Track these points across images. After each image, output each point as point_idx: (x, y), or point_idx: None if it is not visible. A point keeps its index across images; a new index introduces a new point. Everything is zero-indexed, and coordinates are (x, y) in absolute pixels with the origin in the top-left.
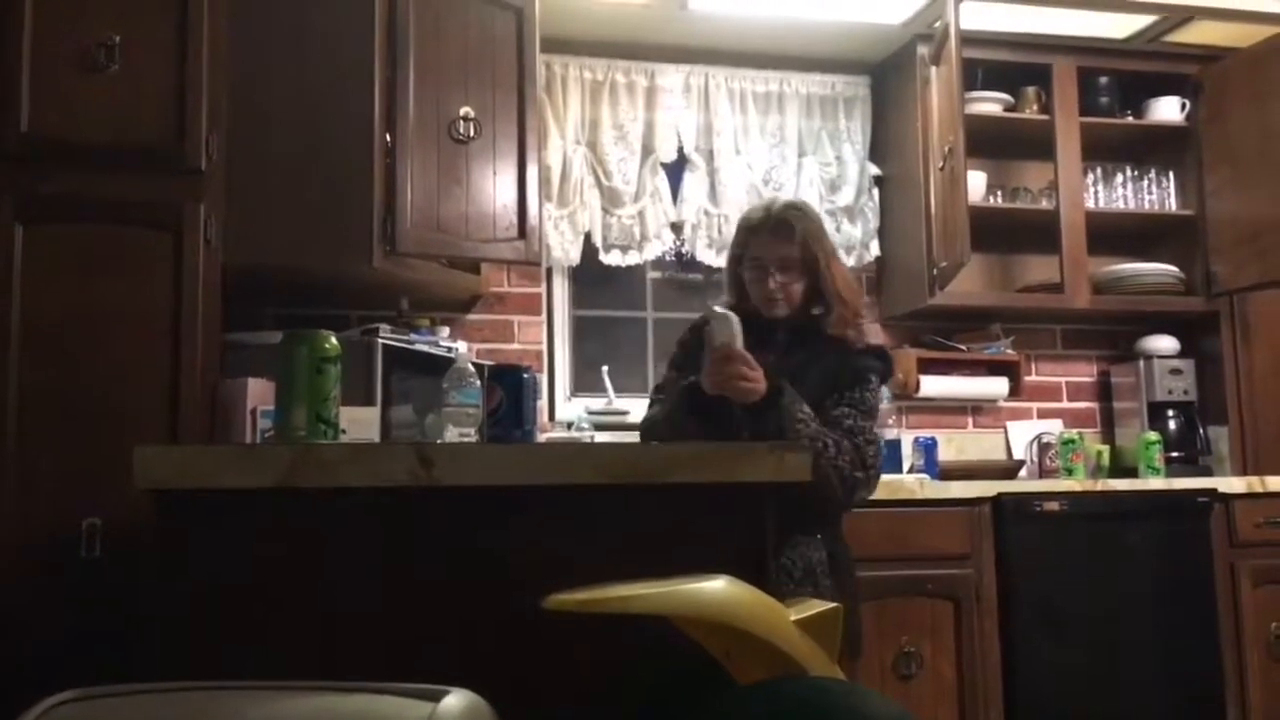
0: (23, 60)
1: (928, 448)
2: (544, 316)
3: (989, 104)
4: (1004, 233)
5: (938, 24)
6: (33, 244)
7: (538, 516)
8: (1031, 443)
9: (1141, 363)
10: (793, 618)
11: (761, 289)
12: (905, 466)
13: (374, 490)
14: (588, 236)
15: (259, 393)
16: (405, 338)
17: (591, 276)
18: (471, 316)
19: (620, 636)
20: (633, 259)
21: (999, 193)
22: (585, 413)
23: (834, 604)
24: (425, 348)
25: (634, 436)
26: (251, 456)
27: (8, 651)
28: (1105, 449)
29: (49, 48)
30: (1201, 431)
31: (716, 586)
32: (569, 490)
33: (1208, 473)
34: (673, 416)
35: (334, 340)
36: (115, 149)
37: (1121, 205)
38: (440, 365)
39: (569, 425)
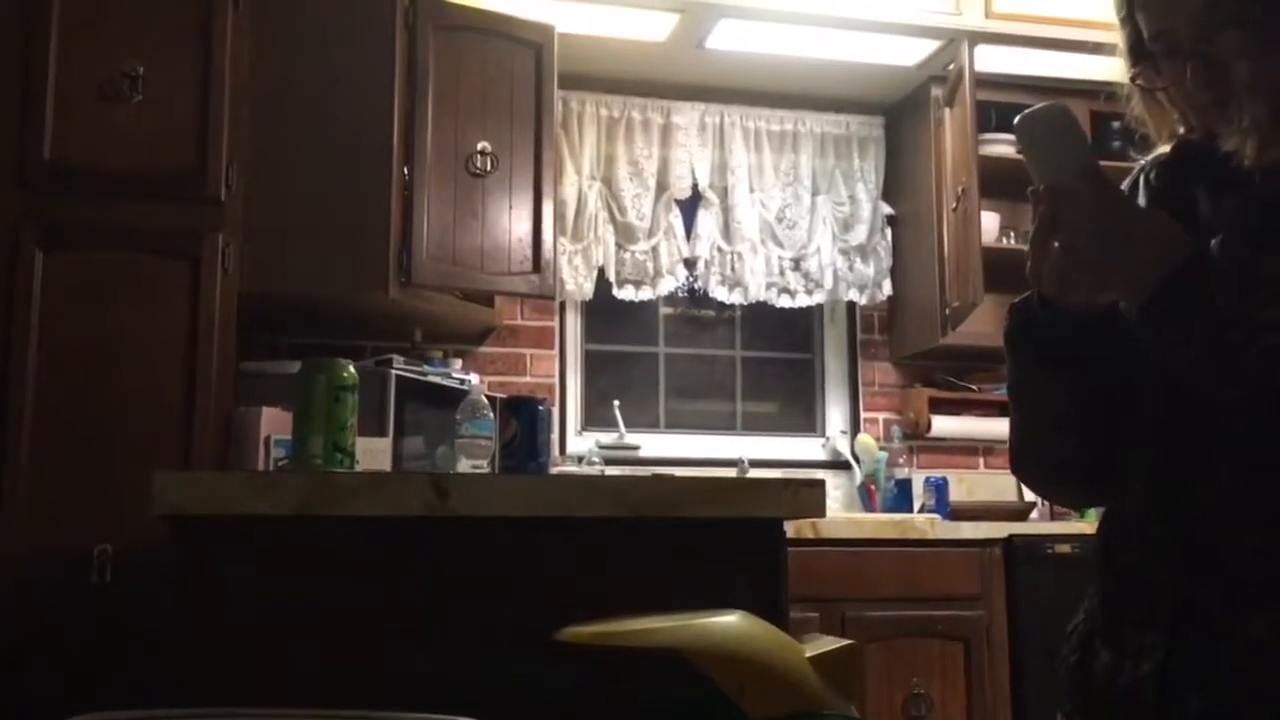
0: (47, 89)
1: (939, 488)
2: (556, 350)
3: (1002, 145)
4: (1017, 274)
5: (951, 66)
6: (52, 271)
7: (552, 548)
8: None
9: None
10: (808, 654)
11: (1194, 96)
12: (916, 506)
13: (389, 519)
14: (601, 271)
15: (273, 421)
16: (418, 369)
17: (604, 311)
18: (484, 349)
19: (633, 670)
20: (646, 294)
21: (1012, 234)
22: (596, 446)
23: (850, 641)
24: (438, 379)
25: (645, 471)
26: (269, 483)
27: (19, 677)
28: None
29: (73, 77)
30: None
31: (731, 621)
32: (584, 522)
33: None
34: (1023, 378)
35: (352, 369)
36: (136, 178)
37: None
38: (452, 397)
39: (579, 459)
